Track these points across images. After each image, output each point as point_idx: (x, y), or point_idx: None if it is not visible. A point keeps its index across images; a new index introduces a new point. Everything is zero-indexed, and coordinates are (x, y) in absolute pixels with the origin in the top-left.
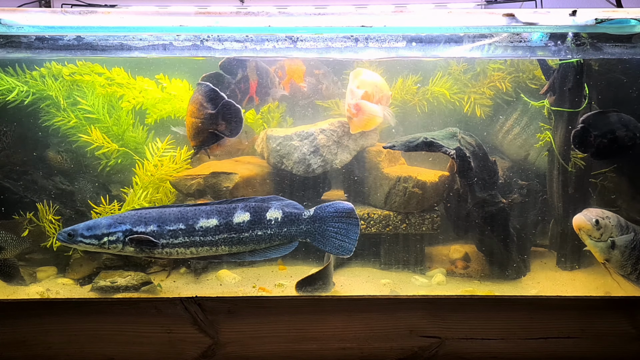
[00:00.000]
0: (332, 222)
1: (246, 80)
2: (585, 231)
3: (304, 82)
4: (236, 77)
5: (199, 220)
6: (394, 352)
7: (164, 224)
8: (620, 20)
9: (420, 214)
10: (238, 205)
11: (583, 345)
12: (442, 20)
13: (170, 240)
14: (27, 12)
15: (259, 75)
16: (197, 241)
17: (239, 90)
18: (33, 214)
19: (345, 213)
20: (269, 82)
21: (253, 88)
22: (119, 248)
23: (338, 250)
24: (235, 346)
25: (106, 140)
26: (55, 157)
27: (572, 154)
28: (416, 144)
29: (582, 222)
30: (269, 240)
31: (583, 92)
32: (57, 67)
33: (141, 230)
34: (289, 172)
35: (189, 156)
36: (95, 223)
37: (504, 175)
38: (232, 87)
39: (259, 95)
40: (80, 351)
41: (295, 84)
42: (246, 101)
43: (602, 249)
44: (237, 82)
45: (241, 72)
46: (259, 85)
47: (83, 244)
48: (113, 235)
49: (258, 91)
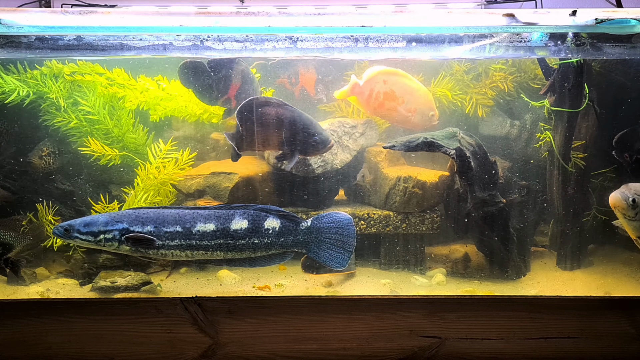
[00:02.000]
0: (329, 233)
1: (227, 81)
2: (620, 210)
3: (314, 90)
4: (218, 74)
5: (197, 224)
6: (394, 352)
7: (161, 225)
8: (620, 20)
9: (420, 214)
10: (237, 212)
11: (583, 346)
12: (442, 20)
13: (167, 242)
14: (27, 12)
15: (242, 81)
16: (193, 245)
17: (216, 87)
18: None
19: (342, 224)
20: (251, 91)
21: (232, 90)
22: (114, 246)
23: (332, 262)
24: (235, 346)
25: (106, 149)
26: (40, 162)
27: (572, 154)
28: (416, 144)
29: (618, 201)
30: (265, 248)
31: (583, 92)
32: (58, 66)
33: (138, 230)
34: (289, 172)
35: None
36: (92, 219)
37: (504, 175)
38: (210, 82)
39: (237, 100)
40: (80, 351)
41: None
42: (222, 100)
43: (636, 227)
44: (217, 79)
45: (224, 72)
46: (239, 90)
47: (79, 239)
48: (109, 233)
49: (237, 96)
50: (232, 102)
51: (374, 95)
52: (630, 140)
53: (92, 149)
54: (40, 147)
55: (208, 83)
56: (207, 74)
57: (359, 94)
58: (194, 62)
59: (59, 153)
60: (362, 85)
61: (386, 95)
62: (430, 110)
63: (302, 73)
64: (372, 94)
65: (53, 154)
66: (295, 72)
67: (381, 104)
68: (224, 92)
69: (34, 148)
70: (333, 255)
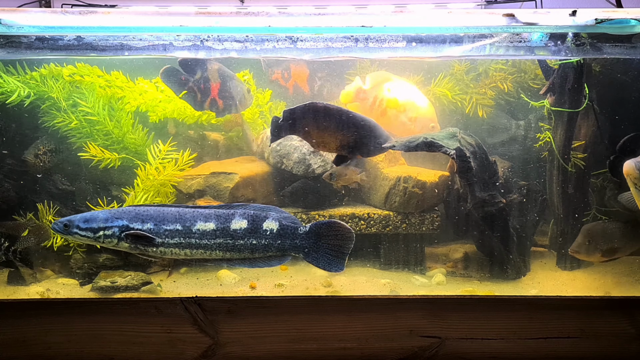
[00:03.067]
0: (328, 240)
1: (207, 81)
2: (632, 178)
3: (307, 85)
4: (195, 76)
5: (197, 222)
6: (394, 352)
7: (161, 223)
8: (620, 20)
9: (420, 214)
10: (237, 211)
11: (582, 345)
12: (442, 21)
13: (166, 240)
14: (27, 12)
15: (221, 80)
16: (193, 243)
17: (198, 89)
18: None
19: (341, 233)
20: (232, 89)
21: (215, 90)
22: (113, 243)
23: (329, 266)
24: (235, 346)
25: (106, 153)
26: (35, 161)
27: (572, 154)
28: (416, 144)
29: (632, 169)
30: (262, 250)
31: (583, 92)
32: (57, 69)
33: (137, 227)
34: (289, 172)
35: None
36: (92, 216)
37: (503, 175)
38: (190, 84)
39: (222, 99)
40: (80, 351)
41: (298, 86)
42: (209, 102)
43: None
44: (196, 80)
45: (200, 72)
46: (221, 89)
47: (78, 235)
48: (109, 229)
49: (220, 95)
50: (219, 102)
51: (377, 103)
52: (634, 146)
53: (92, 153)
54: (36, 146)
55: (190, 87)
56: (186, 78)
57: (363, 99)
58: (172, 67)
59: (55, 152)
60: (366, 91)
61: (389, 103)
62: (432, 121)
63: (294, 68)
64: (376, 101)
65: (49, 153)
66: (286, 67)
67: (383, 112)
68: (206, 94)
69: (30, 146)
70: (330, 260)
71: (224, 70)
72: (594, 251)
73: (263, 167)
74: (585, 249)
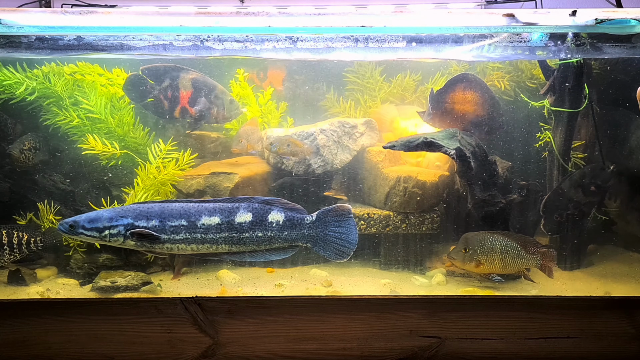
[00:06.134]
0: (334, 226)
1: (175, 89)
2: None
3: (282, 87)
4: (162, 84)
5: (202, 217)
6: (394, 352)
7: (166, 219)
8: (620, 20)
9: (420, 214)
10: (241, 205)
11: (582, 345)
12: (442, 21)
13: (172, 236)
14: (27, 12)
15: (194, 88)
16: (199, 238)
17: (164, 97)
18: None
19: (345, 216)
20: (211, 98)
21: (184, 99)
22: (119, 241)
23: (337, 255)
24: (235, 346)
25: (107, 147)
26: (19, 156)
27: (572, 154)
28: (416, 144)
29: None
30: (269, 242)
31: (583, 92)
32: (57, 68)
33: (143, 225)
34: (289, 172)
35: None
36: (97, 215)
37: (503, 175)
38: (156, 92)
39: (195, 107)
40: (80, 351)
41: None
42: (179, 110)
43: None
44: (163, 89)
45: (169, 80)
46: (195, 98)
47: (84, 235)
48: (114, 228)
49: (191, 102)
50: (190, 111)
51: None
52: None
53: (92, 145)
54: (22, 141)
55: (155, 95)
56: (151, 86)
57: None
58: (137, 75)
59: (39, 149)
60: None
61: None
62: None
63: (271, 69)
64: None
65: (33, 150)
66: (263, 67)
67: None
68: (174, 102)
69: (15, 141)
70: (338, 248)
71: (201, 79)
72: (470, 260)
73: (263, 167)
74: (461, 257)
